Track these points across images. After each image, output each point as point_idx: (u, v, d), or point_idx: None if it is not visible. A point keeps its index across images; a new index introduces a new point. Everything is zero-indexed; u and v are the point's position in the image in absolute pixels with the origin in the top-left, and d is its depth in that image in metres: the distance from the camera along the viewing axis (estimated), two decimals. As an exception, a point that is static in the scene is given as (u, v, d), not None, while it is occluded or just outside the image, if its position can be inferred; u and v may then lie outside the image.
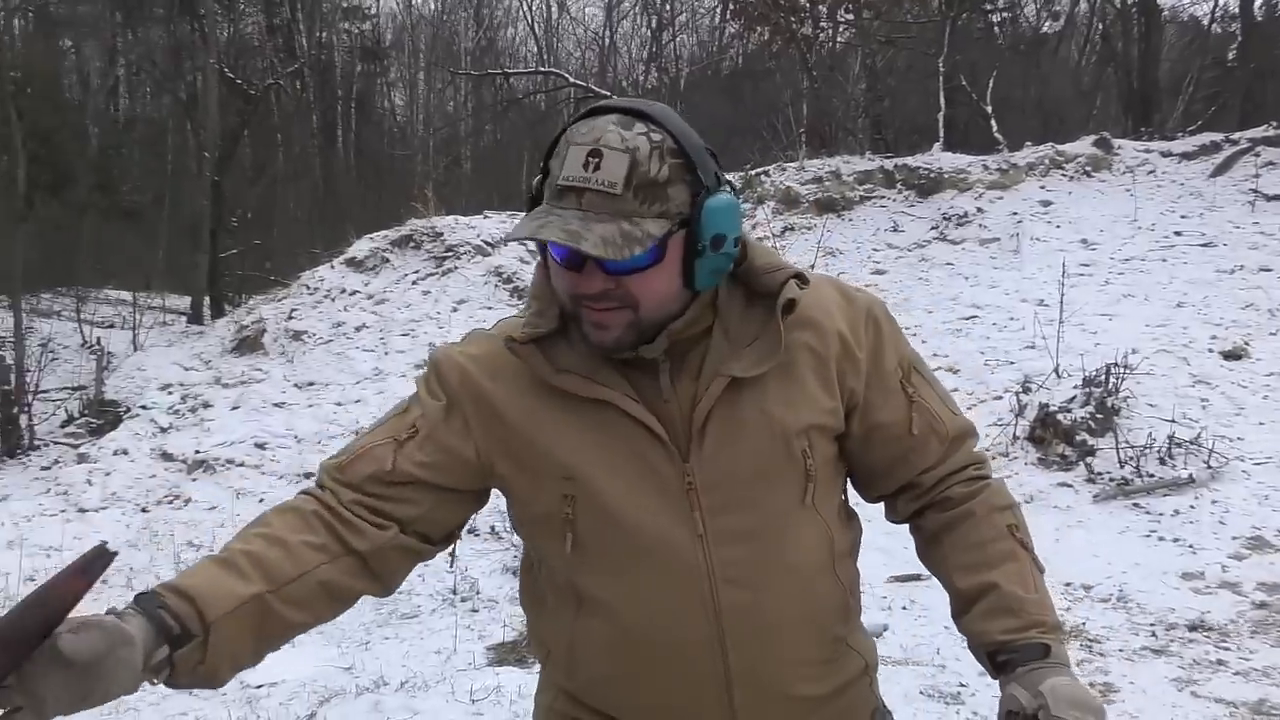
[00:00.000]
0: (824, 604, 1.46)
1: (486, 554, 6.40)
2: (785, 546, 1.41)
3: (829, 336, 1.44)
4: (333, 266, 11.23)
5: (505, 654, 4.95)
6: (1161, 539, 5.90)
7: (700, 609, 1.37)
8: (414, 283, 10.77)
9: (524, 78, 23.94)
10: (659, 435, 1.37)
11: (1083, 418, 6.96)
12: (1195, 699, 4.16)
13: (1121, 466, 6.64)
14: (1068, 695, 1.32)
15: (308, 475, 7.82)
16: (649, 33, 29.39)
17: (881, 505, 1.61)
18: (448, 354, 1.47)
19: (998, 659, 1.42)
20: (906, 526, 1.61)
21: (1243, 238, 10.45)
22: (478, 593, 5.76)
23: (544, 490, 1.39)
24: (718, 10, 28.04)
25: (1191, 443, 6.74)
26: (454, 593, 5.75)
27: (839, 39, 18.09)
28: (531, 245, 11.10)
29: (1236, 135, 12.86)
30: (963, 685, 4.32)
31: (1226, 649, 4.61)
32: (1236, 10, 18.44)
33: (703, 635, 1.38)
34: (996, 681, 1.44)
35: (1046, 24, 23.87)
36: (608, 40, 29.86)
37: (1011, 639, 1.41)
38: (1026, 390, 7.51)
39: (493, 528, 6.57)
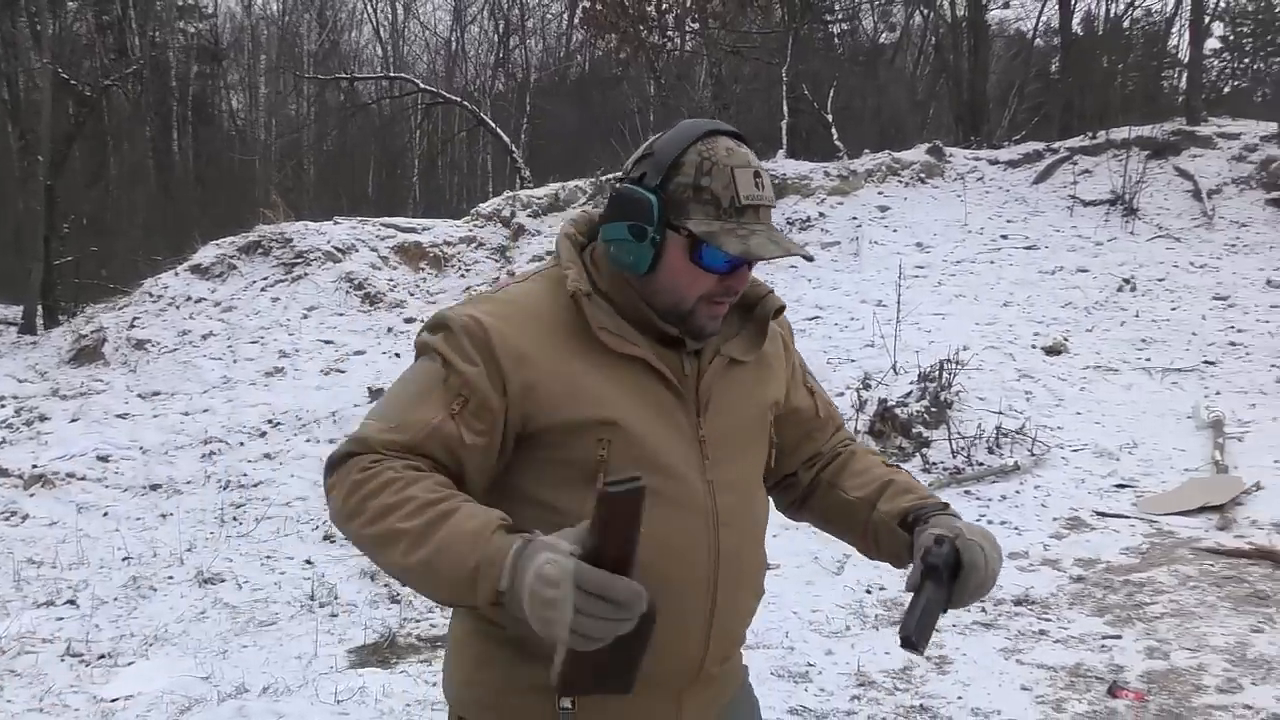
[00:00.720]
0: (763, 560, 1.72)
1: (344, 560, 6.37)
2: (755, 502, 1.69)
3: (781, 340, 1.78)
4: (177, 274, 10.96)
5: (367, 656, 4.96)
6: (990, 522, 6.27)
7: (706, 550, 1.56)
8: (263, 289, 10.59)
9: (370, 82, 23.66)
10: (682, 393, 1.59)
11: (918, 411, 7.34)
12: (1020, 666, 4.49)
13: (954, 456, 7.03)
14: (977, 528, 1.58)
15: (154, 487, 7.65)
16: (496, 38, 29.36)
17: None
18: (471, 316, 1.50)
19: (907, 520, 1.66)
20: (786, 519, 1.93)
21: (1062, 240, 11.13)
22: (336, 598, 5.74)
23: (582, 436, 1.50)
24: (565, 17, 28.22)
25: (1017, 433, 7.19)
26: (312, 598, 5.72)
27: (685, 48, 18.44)
28: (384, 250, 11.08)
29: (1056, 144, 13.67)
30: (810, 665, 4.55)
31: (1048, 620, 4.97)
32: (1058, 25, 19.49)
33: (703, 574, 1.57)
34: (843, 660, 1.66)
35: (884, 36, 24.81)
36: (455, 45, 29.70)
37: (918, 504, 1.67)
38: (866, 387, 7.87)
39: (349, 533, 6.56)
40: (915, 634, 1.45)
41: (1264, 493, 6.45)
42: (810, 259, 1.70)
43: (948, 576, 1.51)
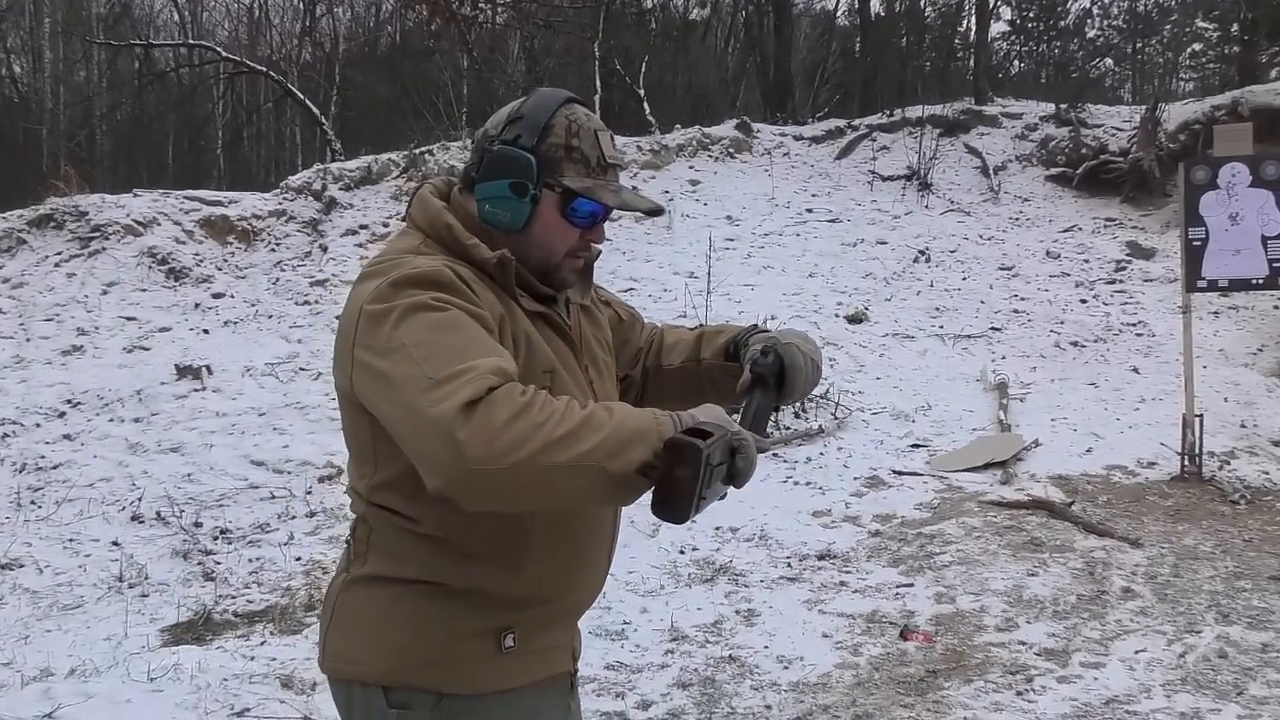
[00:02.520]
0: None
1: (154, 540, 6.21)
2: None
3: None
4: (-43, 249, 10.31)
5: (181, 634, 4.89)
6: (796, 483, 6.60)
7: None
8: (56, 265, 10.06)
9: (168, 50, 22.61)
10: (575, 343, 1.73)
11: (729, 379, 7.62)
12: (822, 615, 4.78)
13: (762, 421, 7.33)
14: (792, 332, 1.83)
15: (-58, 473, 7.25)
16: (302, 6, 28.42)
17: None
18: (447, 267, 1.53)
19: (730, 352, 1.89)
20: None
21: (863, 214, 11.65)
22: (146, 578, 5.61)
23: (533, 380, 1.53)
24: (378, -15, 27.57)
25: (822, 398, 7.55)
26: (120, 580, 5.57)
27: (498, 21, 18.34)
28: (189, 224, 10.71)
29: (857, 122, 14.25)
30: (626, 623, 4.73)
31: (848, 572, 5.29)
32: (858, 6, 20.22)
33: (609, 512, 1.76)
34: (657, 617, 1.85)
35: (695, 12, 25.18)
36: (258, 12, 28.63)
37: (732, 336, 1.91)
38: (679, 356, 8.10)
39: (158, 513, 6.39)
40: (751, 430, 1.58)
41: (1041, 449, 6.99)
42: (664, 212, 1.88)
43: (775, 382, 1.72)
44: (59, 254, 10.18)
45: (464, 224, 1.64)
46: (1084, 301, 9.79)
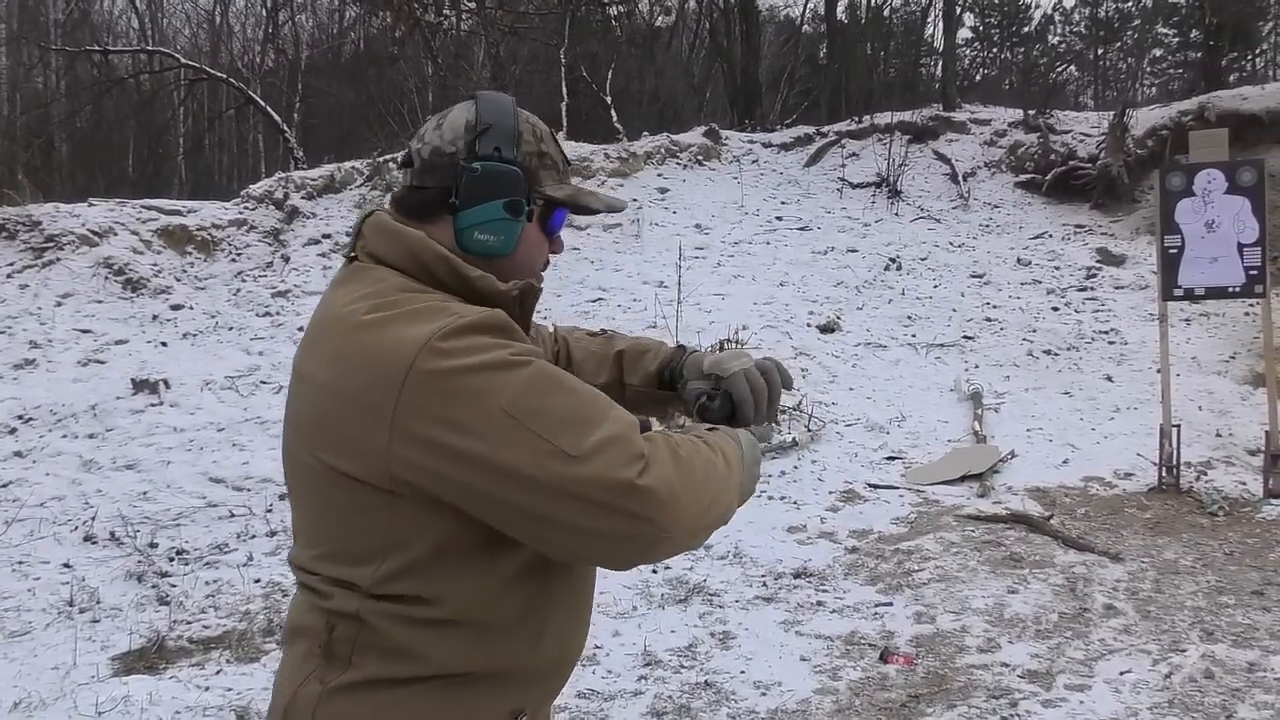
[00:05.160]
0: None
1: (107, 561, 6.00)
2: None
3: None
4: (-94, 260, 10.02)
5: (133, 662, 4.69)
6: (771, 498, 6.47)
7: None
8: (9, 276, 9.80)
9: (127, 56, 22.24)
10: None
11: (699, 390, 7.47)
12: (799, 637, 4.64)
13: (735, 434, 7.20)
14: (729, 356, 1.71)
15: (-113, 494, 7.00)
16: (264, 12, 28.13)
17: None
18: (500, 310, 1.34)
19: (664, 379, 1.77)
20: None
21: (833, 222, 11.56)
22: (98, 602, 5.39)
23: None
24: (341, -8, 27.31)
25: (794, 409, 7.43)
26: (71, 604, 5.36)
27: (463, 27, 18.17)
28: (146, 234, 10.47)
29: (826, 128, 14.18)
30: (598, 647, 4.57)
31: (825, 591, 5.16)
32: (824, 12, 20.19)
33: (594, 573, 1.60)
34: (630, 640, 1.69)
35: (660, 19, 25.11)
36: (219, 19, 28.30)
37: (662, 362, 1.78)
38: (650, 367, 7.96)
39: (112, 533, 6.18)
40: None
41: (1018, 460, 6.90)
42: (624, 207, 1.71)
43: (730, 424, 1.62)
44: (11, 265, 9.92)
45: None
46: (1056, 309, 9.74)
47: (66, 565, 5.87)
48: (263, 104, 16.20)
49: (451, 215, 1.43)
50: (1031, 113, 13.81)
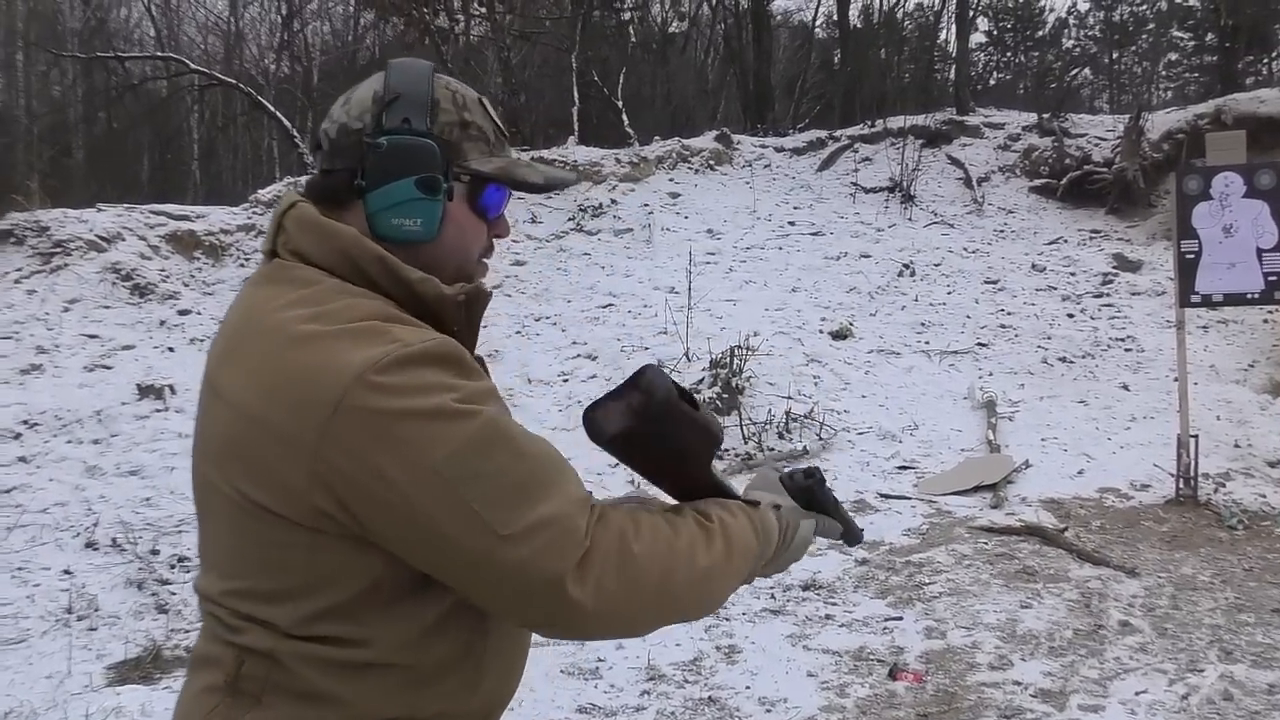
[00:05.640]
0: None
1: (108, 568, 5.94)
2: None
3: None
4: (-87, 266, 10.01)
5: (128, 672, 4.63)
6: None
7: None
8: (16, 282, 9.78)
9: (141, 63, 22.29)
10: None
11: (710, 398, 7.40)
12: (807, 652, 4.54)
13: (745, 442, 7.11)
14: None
15: (-107, 500, 6.97)
16: (279, 19, 28.19)
17: None
18: (449, 339, 1.19)
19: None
20: None
21: (846, 227, 11.46)
22: (96, 609, 5.33)
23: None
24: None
25: (806, 417, 7.34)
26: (69, 611, 5.30)
27: (474, 33, 18.13)
28: (154, 239, 10.43)
29: (838, 133, 14.08)
30: (600, 660, 4.48)
31: (834, 604, 5.06)
32: (836, 17, 20.11)
33: None
34: (633, 654, 1.60)
35: (673, 24, 25.06)
36: (234, 26, 28.36)
37: None
38: (658, 374, 7.87)
39: (114, 540, 6.13)
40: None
41: (1032, 470, 6.79)
42: (573, 181, 1.49)
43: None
44: (19, 270, 9.90)
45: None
46: (1071, 316, 9.61)
47: (67, 572, 5.81)
48: (272, 109, 16.17)
49: (361, 199, 1.27)
50: (1046, 116, 13.69)
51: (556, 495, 1.13)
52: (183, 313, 9.71)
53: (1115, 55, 28.27)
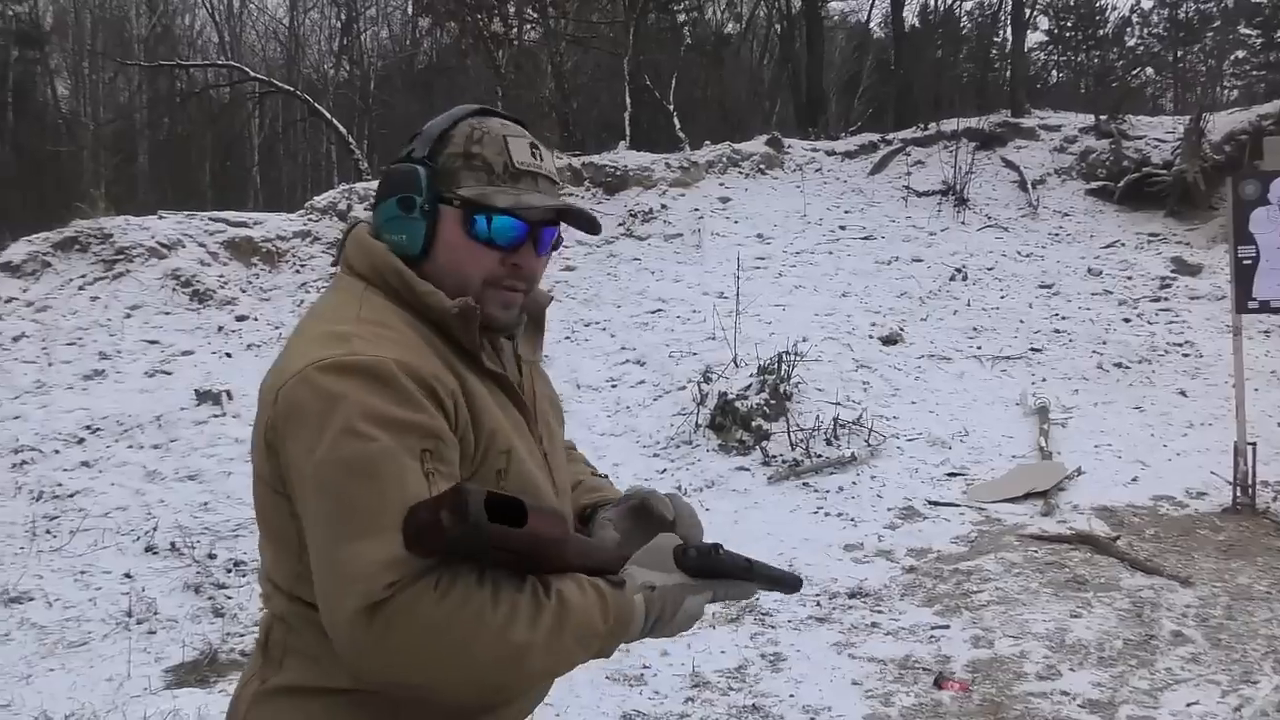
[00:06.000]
0: None
1: (166, 572, 6.07)
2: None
3: None
4: (-15, 273, 10.29)
5: (185, 675, 4.73)
6: (827, 514, 6.36)
7: None
8: (80, 288, 10.01)
9: (204, 69, 22.72)
10: (528, 410, 1.51)
11: (758, 404, 7.39)
12: (852, 660, 4.53)
13: (793, 449, 7.10)
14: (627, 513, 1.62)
15: (-40, 501, 7.17)
16: (339, 25, 28.58)
17: None
18: (392, 360, 1.29)
19: (584, 515, 1.66)
20: None
21: (898, 231, 11.39)
22: (155, 613, 5.45)
23: (485, 466, 1.38)
24: (410, 4, 27.65)
25: (854, 423, 7.30)
26: (129, 615, 5.42)
27: (527, 38, 18.25)
28: (213, 246, 10.63)
29: (891, 136, 13.98)
30: (645, 667, 4.50)
31: (880, 612, 5.04)
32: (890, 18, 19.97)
33: None
34: (678, 661, 1.62)
35: (729, 27, 25.04)
36: (295, 31, 28.81)
37: (594, 501, 1.66)
38: (707, 380, 7.88)
39: (173, 544, 6.25)
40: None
41: (1084, 477, 6.70)
42: (596, 225, 1.54)
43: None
44: (83, 277, 10.14)
45: None
46: (1128, 320, 9.47)
47: (127, 575, 5.94)
48: (328, 115, 16.39)
49: None
50: (1103, 118, 13.49)
51: (377, 541, 1.20)
52: (240, 319, 9.88)
53: (1179, 53, 27.81)
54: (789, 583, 1.57)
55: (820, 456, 7.02)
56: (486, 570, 1.25)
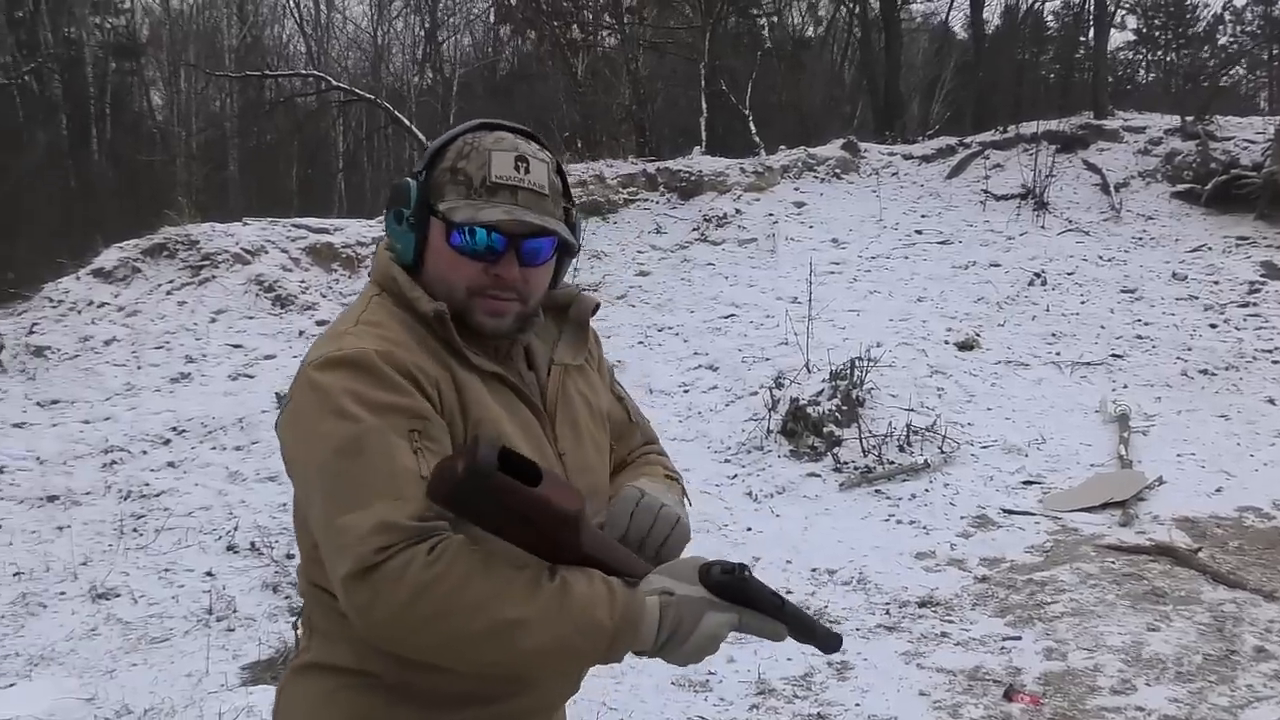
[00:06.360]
0: None
1: (246, 571, 6.21)
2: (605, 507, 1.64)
3: (597, 341, 1.75)
4: (78, 278, 10.61)
5: (260, 672, 4.83)
6: (899, 522, 6.29)
7: None
8: (168, 293, 10.30)
9: (291, 78, 23.23)
10: (539, 408, 1.56)
11: (830, 410, 7.34)
12: (920, 670, 4.48)
13: (865, 455, 7.04)
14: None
15: (51, 498, 7.40)
16: (423, 33, 29.04)
17: None
18: (373, 350, 1.39)
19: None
20: None
21: (975, 235, 11.23)
22: (235, 611, 5.58)
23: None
24: (492, 12, 27.98)
25: (928, 430, 7.22)
26: (209, 612, 5.56)
27: (604, 45, 18.35)
28: (295, 252, 10.86)
29: (969, 139, 13.79)
30: (711, 673, 4.49)
31: (951, 622, 4.98)
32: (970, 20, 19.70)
33: None
34: (744, 668, 1.64)
35: (810, 30, 24.92)
36: (379, 40, 29.34)
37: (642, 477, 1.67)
38: (779, 386, 7.85)
39: (253, 544, 6.40)
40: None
41: (1166, 487, 6.55)
42: (573, 244, 1.57)
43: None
44: (171, 282, 10.42)
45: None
46: (1214, 326, 9.23)
47: (209, 574, 6.09)
48: (407, 123, 16.65)
49: None
50: (1190, 119, 13.16)
51: (368, 510, 1.29)
52: (320, 323, 10.07)
53: (1275, 51, 27.02)
54: (826, 640, 1.51)
55: (893, 463, 6.95)
56: (492, 550, 1.30)
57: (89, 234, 13.73)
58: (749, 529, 6.30)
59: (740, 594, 1.39)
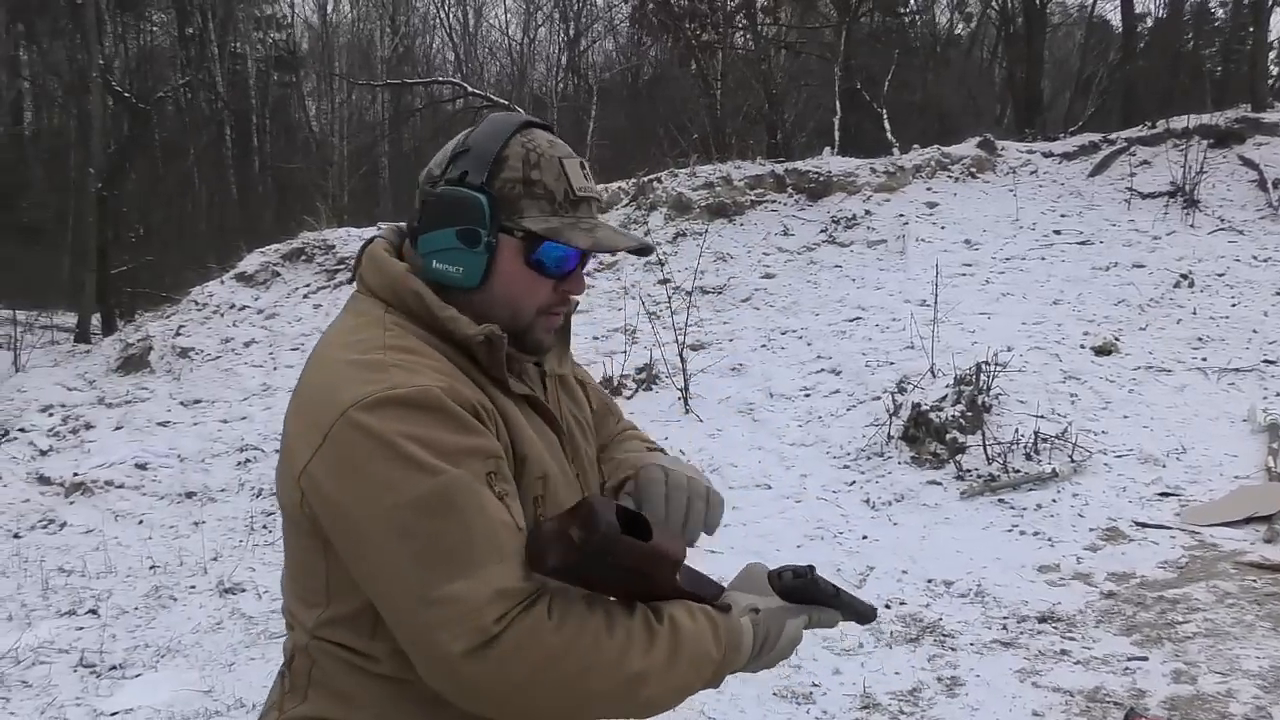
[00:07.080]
0: None
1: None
2: None
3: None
4: (222, 282, 11.09)
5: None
6: (1023, 533, 6.04)
7: None
8: (305, 296, 10.66)
9: (432, 86, 23.84)
10: (560, 428, 1.47)
11: (954, 416, 7.11)
12: (1035, 689, 4.28)
13: (989, 463, 6.79)
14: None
15: (190, 495, 7.71)
16: (565, 40, 29.51)
17: None
18: (433, 388, 1.24)
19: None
20: None
21: (1118, 235, 10.76)
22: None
23: (523, 493, 1.33)
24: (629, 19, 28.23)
25: (1057, 437, 6.92)
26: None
27: (738, 46, 18.26)
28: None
29: (1114, 135, 13.23)
30: (815, 685, 4.39)
31: (1072, 639, 4.74)
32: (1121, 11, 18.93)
33: None
34: (850, 680, 1.64)
35: (959, 26, 24.39)
36: (524, 47, 29.94)
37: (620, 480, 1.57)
38: (902, 390, 7.64)
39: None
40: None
41: (1316, 502, 6.13)
42: (651, 249, 1.48)
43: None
44: (307, 285, 10.77)
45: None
46: (1379, 331, 8.62)
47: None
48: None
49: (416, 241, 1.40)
50: (1359, 111, 12.37)
51: (477, 577, 1.16)
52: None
53: None
54: (865, 613, 1.54)
55: (1019, 472, 6.69)
56: (595, 597, 1.22)
57: (236, 241, 14.34)
58: (864, 537, 6.15)
59: (809, 594, 1.43)
